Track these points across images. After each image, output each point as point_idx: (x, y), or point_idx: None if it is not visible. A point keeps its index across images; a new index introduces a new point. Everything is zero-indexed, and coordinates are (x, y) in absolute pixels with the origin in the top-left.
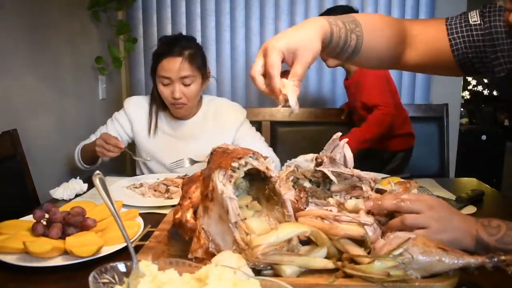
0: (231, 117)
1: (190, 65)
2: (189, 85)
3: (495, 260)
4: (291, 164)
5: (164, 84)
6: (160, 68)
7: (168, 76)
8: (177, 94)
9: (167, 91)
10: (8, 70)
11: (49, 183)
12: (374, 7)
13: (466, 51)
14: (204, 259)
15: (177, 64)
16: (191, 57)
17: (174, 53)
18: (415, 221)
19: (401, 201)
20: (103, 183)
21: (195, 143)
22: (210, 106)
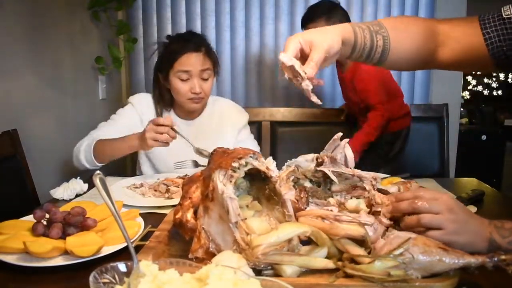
0: (235, 119)
1: (209, 59)
2: (207, 79)
3: (495, 260)
4: (291, 164)
5: (182, 80)
6: (178, 64)
7: (188, 70)
8: (197, 88)
9: (186, 86)
10: (8, 70)
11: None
12: (374, 7)
13: (501, 44)
14: (204, 259)
15: (198, 58)
16: (209, 51)
17: (194, 48)
18: (432, 221)
19: (419, 200)
20: (104, 183)
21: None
22: (215, 106)
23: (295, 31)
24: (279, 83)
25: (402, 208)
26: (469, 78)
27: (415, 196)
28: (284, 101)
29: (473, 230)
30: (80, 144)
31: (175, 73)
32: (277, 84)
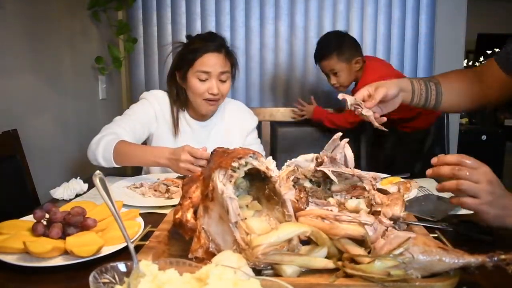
0: (245, 123)
1: (229, 61)
2: (225, 81)
3: (495, 260)
4: (291, 164)
5: (201, 80)
6: (199, 63)
7: (208, 71)
8: (215, 89)
9: (204, 86)
10: (8, 70)
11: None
12: (374, 7)
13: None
14: (204, 259)
15: (219, 59)
16: (229, 53)
17: (216, 48)
18: (470, 189)
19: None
20: (104, 183)
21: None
22: (226, 108)
23: (295, 31)
24: (279, 83)
25: (443, 172)
26: None
27: (458, 161)
28: (284, 101)
29: (506, 205)
30: (99, 139)
31: (195, 72)
32: (277, 84)
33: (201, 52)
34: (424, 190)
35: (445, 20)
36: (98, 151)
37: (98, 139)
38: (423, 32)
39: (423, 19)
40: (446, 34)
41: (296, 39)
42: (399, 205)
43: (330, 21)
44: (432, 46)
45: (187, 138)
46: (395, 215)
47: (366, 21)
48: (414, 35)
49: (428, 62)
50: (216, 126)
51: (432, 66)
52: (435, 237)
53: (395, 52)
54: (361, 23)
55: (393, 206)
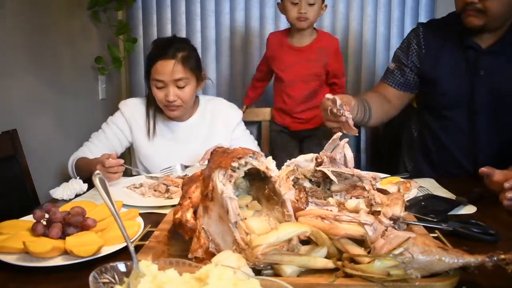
0: (229, 118)
1: (183, 67)
2: (183, 87)
3: (495, 259)
4: (291, 164)
5: (158, 87)
6: (153, 71)
7: (161, 79)
8: (171, 97)
9: (161, 94)
10: (8, 70)
11: (49, 183)
12: (374, 7)
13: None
14: (204, 259)
15: (170, 66)
16: (184, 59)
17: (168, 55)
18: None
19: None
20: (103, 183)
21: (194, 144)
22: (208, 106)
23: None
24: None
25: None
26: None
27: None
28: None
29: None
30: (71, 158)
31: (152, 80)
32: None
33: (154, 60)
34: (424, 190)
35: None
36: (69, 169)
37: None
38: None
39: (423, 19)
40: None
41: None
42: (399, 205)
43: (330, 21)
44: None
45: (165, 140)
46: (395, 215)
47: (366, 21)
48: None
49: None
50: (197, 126)
51: None
52: (435, 237)
53: None
54: (361, 23)
55: (393, 206)
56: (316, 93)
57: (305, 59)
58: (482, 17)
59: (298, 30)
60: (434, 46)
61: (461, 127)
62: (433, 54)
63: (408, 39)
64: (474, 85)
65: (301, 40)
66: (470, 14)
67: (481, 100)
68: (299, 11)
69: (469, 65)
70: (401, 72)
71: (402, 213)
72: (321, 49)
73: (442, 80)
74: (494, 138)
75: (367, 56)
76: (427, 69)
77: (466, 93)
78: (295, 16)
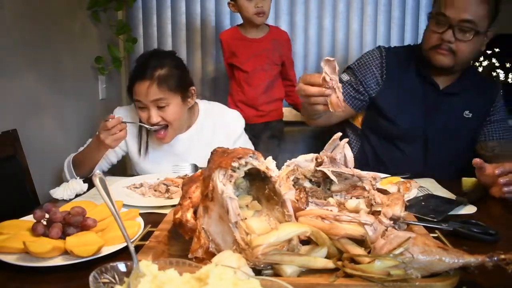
0: (229, 128)
1: (158, 88)
2: (164, 107)
3: (495, 259)
4: (291, 164)
5: (139, 107)
6: (134, 92)
7: (140, 99)
8: (153, 119)
9: (144, 114)
10: (8, 70)
11: (49, 183)
12: (374, 7)
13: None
14: (204, 259)
15: (145, 87)
16: (161, 79)
17: (144, 76)
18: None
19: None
20: (103, 183)
21: (193, 157)
22: (208, 115)
23: (295, 31)
24: None
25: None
26: None
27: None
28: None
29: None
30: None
31: (134, 101)
32: None
33: (133, 80)
34: (424, 190)
35: None
36: (66, 173)
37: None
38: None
39: (423, 19)
40: None
41: (296, 38)
42: (399, 205)
43: (330, 21)
44: None
45: (163, 152)
46: (395, 215)
47: (366, 21)
48: (413, 35)
49: None
50: (197, 137)
51: None
52: (435, 237)
53: None
54: (361, 23)
55: (393, 206)
56: (274, 84)
57: (263, 49)
58: (452, 58)
59: (254, 26)
60: (395, 76)
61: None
62: (392, 83)
63: (369, 59)
64: (429, 123)
65: (256, 34)
66: (442, 53)
67: (434, 137)
68: (256, 6)
69: (427, 103)
70: (354, 88)
71: (402, 213)
72: (275, 40)
73: (398, 111)
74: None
75: None
76: (384, 96)
77: (422, 130)
78: (253, 12)
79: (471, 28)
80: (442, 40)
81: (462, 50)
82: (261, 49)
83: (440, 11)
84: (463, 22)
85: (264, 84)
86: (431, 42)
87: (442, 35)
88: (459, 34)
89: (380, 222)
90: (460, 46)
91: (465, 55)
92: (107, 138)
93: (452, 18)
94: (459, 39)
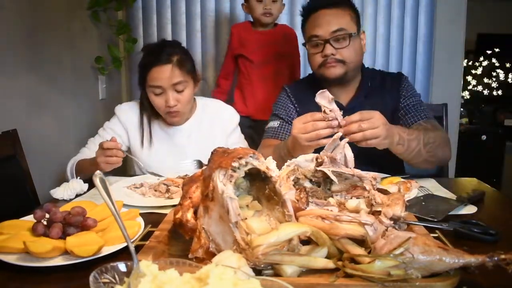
0: (224, 123)
1: (180, 70)
2: (182, 91)
3: (495, 259)
4: (291, 164)
5: (156, 94)
6: (149, 78)
7: (159, 85)
8: (171, 102)
9: (161, 100)
10: (8, 70)
11: (49, 183)
12: (374, 7)
13: None
14: (204, 259)
15: (167, 71)
16: (180, 62)
17: (162, 61)
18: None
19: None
20: (104, 183)
21: (191, 149)
22: (205, 109)
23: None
24: None
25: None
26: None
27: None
28: None
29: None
30: (68, 163)
31: (149, 87)
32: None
33: (149, 67)
34: (424, 190)
35: (445, 20)
36: (68, 175)
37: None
38: (422, 32)
39: (423, 19)
40: (445, 34)
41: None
42: (399, 205)
43: None
44: (432, 46)
45: (163, 144)
46: (395, 215)
47: (366, 21)
48: (413, 35)
49: (427, 62)
50: (194, 130)
51: (431, 66)
52: (435, 237)
53: (394, 52)
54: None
55: (393, 206)
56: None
57: (270, 42)
58: (341, 66)
59: (262, 24)
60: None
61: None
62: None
63: (282, 100)
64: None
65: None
66: (331, 65)
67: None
68: (265, 7)
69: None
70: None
71: (403, 213)
72: (283, 34)
73: None
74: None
75: (367, 56)
76: None
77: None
78: (261, 12)
79: (343, 34)
80: (326, 56)
81: (347, 55)
82: (269, 41)
83: (311, 35)
84: (334, 33)
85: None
86: (317, 62)
87: (323, 52)
88: (336, 44)
89: (381, 222)
90: (343, 53)
91: (352, 59)
92: (100, 157)
93: (324, 34)
94: (339, 47)
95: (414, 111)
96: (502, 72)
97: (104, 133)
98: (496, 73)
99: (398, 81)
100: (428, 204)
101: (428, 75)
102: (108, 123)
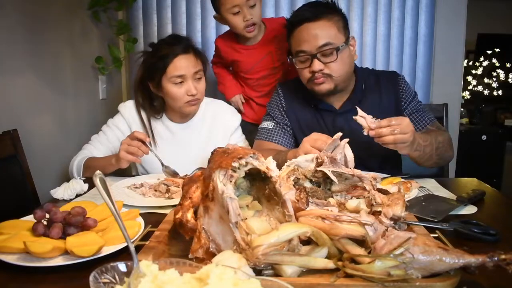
0: (226, 122)
1: (200, 59)
2: (200, 79)
3: (496, 259)
4: (291, 164)
5: (176, 84)
6: (171, 69)
7: (182, 74)
8: (193, 90)
9: (181, 90)
10: (8, 70)
11: (50, 183)
12: (374, 7)
13: None
14: (204, 259)
15: (190, 60)
16: (198, 51)
17: (184, 50)
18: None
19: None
20: (104, 183)
21: (194, 147)
22: (208, 108)
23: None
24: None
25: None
26: (469, 78)
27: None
28: None
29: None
30: (74, 159)
31: (169, 78)
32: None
33: (171, 57)
34: (424, 190)
35: (445, 20)
36: (74, 171)
37: (73, 160)
38: (422, 32)
39: (423, 19)
40: (446, 34)
41: None
42: (399, 205)
43: None
44: (432, 46)
45: (167, 142)
46: (396, 215)
47: (366, 21)
48: (413, 35)
49: (427, 62)
50: (198, 128)
51: (431, 66)
52: (436, 237)
53: (394, 52)
54: (361, 23)
55: (393, 206)
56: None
57: (266, 53)
58: (330, 80)
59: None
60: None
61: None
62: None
63: (274, 98)
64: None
65: (254, 39)
66: (319, 82)
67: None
68: (245, 19)
69: (327, 126)
70: (282, 131)
71: (403, 213)
72: (275, 37)
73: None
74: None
75: (367, 56)
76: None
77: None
78: (243, 26)
79: (330, 48)
80: (314, 72)
81: (335, 69)
82: (264, 54)
83: (298, 50)
84: (320, 48)
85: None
86: (306, 77)
87: (310, 67)
88: (324, 59)
89: (381, 222)
90: (331, 67)
91: (341, 72)
92: (123, 145)
93: (311, 50)
94: (326, 62)
95: (419, 116)
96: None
97: (108, 130)
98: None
99: (394, 81)
100: (428, 204)
101: (428, 75)
102: (112, 120)
